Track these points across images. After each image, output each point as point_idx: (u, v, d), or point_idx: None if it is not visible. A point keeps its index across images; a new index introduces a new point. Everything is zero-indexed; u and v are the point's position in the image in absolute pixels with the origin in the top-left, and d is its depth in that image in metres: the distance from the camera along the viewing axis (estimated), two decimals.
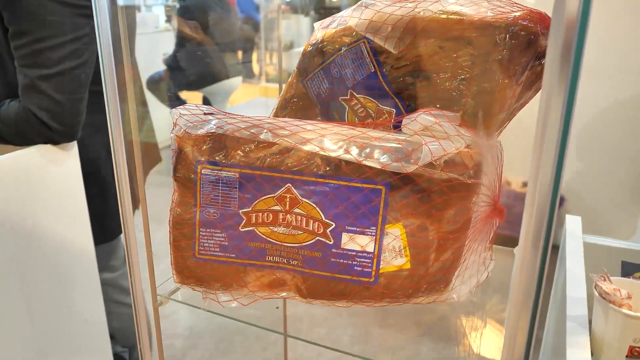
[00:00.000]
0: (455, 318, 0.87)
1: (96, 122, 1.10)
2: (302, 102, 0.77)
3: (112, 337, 1.36)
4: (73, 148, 1.04)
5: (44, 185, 1.01)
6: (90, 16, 1.01)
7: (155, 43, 3.75)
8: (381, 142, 0.57)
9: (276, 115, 0.80)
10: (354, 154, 0.56)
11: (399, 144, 0.56)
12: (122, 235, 1.28)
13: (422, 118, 0.57)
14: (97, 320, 1.22)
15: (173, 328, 2.08)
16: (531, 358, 0.44)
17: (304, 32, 5.38)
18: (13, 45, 0.89)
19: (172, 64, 3.28)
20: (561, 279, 0.76)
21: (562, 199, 2.35)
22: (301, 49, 0.75)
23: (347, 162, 0.57)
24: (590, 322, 0.55)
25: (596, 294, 0.54)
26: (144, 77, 3.27)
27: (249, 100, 5.30)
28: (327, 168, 0.58)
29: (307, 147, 0.58)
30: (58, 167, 1.02)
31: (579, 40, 0.35)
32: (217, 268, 0.64)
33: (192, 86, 3.40)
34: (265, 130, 0.59)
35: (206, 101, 3.90)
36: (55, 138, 0.98)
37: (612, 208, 2.24)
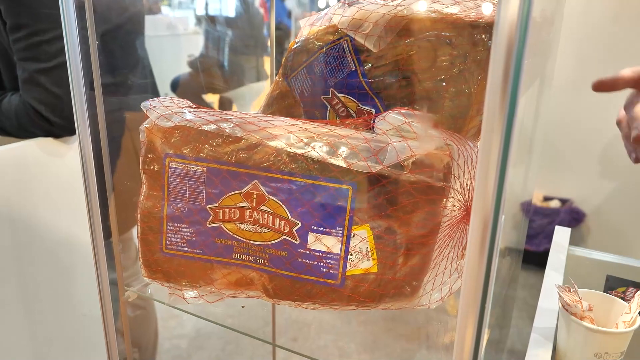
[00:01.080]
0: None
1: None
2: (287, 101, 0.76)
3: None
4: (74, 141, 1.06)
5: (44, 179, 1.02)
6: None
7: (183, 45, 3.82)
8: (348, 140, 0.55)
9: (263, 112, 0.79)
10: (320, 152, 0.55)
11: (366, 143, 0.54)
12: (134, 229, 1.30)
13: (391, 117, 0.55)
14: (96, 315, 1.23)
15: (180, 328, 2.09)
16: None
17: None
18: (11, 39, 0.91)
19: (198, 66, 3.33)
20: None
21: (582, 214, 2.26)
22: None
23: (314, 160, 0.56)
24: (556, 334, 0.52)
25: (560, 305, 0.51)
26: (170, 78, 3.33)
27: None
28: (294, 165, 0.57)
29: (274, 143, 0.56)
30: (58, 160, 1.03)
31: (518, 48, 0.33)
32: (184, 264, 0.63)
33: (216, 89, 3.44)
34: (233, 125, 0.58)
35: (227, 104, 3.95)
36: (56, 131, 1.00)
37: (634, 225, 2.15)
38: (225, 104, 3.96)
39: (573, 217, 2.29)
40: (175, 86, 3.39)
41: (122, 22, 1.17)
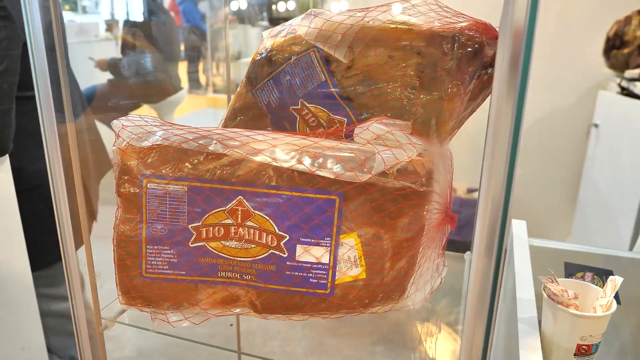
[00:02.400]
0: (409, 324, 0.88)
1: (39, 132, 1.04)
2: (251, 112, 0.75)
3: None
4: (4, 162, 0.98)
5: None
6: (5, 18, 0.95)
7: (95, 52, 3.62)
8: (334, 152, 0.56)
9: (225, 125, 0.78)
10: (306, 164, 0.55)
11: (352, 153, 0.56)
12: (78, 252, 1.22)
13: (374, 127, 0.57)
14: (36, 346, 1.15)
15: (120, 351, 1.99)
16: None
17: (251, 42, 5.36)
18: None
19: (114, 74, 3.17)
20: (510, 281, 0.78)
21: None
22: (249, 59, 0.73)
23: (300, 173, 0.56)
24: (539, 323, 0.56)
25: (545, 295, 0.56)
26: (83, 85, 3.15)
27: (196, 111, 5.21)
28: (280, 179, 0.57)
29: (259, 158, 0.56)
30: None
31: (526, 49, 0.35)
32: (166, 287, 0.61)
33: (136, 97, 3.30)
34: (215, 142, 0.57)
35: (150, 113, 3.80)
36: None
37: (549, 212, 2.33)
38: (146, 113, 3.79)
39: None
40: (91, 97, 3.21)
41: None
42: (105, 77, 3.19)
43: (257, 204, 0.57)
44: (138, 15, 3.22)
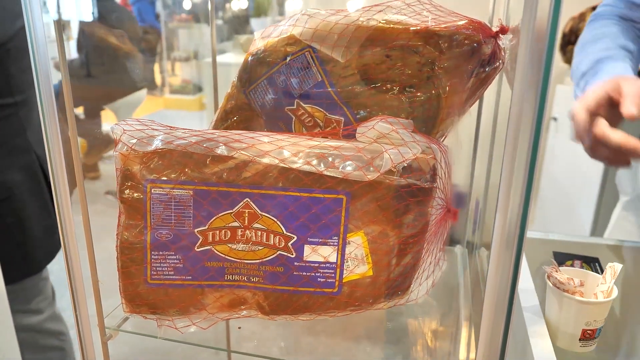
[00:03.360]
0: (384, 319, 0.89)
1: (7, 142, 0.99)
2: (244, 113, 0.75)
3: None
4: None
5: None
6: None
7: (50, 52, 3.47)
8: (341, 152, 0.57)
9: (215, 127, 0.77)
10: (315, 165, 0.56)
11: (359, 152, 0.56)
12: (48, 268, 1.16)
13: (379, 126, 0.58)
14: None
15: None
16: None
17: (207, 41, 5.26)
18: None
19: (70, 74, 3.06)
20: None
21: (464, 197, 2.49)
22: (207, 59, 0.73)
23: (307, 173, 0.56)
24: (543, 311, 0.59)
25: (550, 284, 0.58)
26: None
27: (152, 113, 5.09)
28: (287, 180, 0.57)
29: (266, 160, 0.56)
30: None
31: (549, 49, 0.37)
32: (172, 292, 0.60)
33: (94, 100, 3.20)
34: (221, 144, 0.56)
35: (108, 114, 3.69)
36: None
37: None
38: (96, 115, 3.68)
39: (459, 201, 2.51)
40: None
41: (12, 34, 1.05)
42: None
43: (265, 205, 0.57)
44: (88, 15, 3.10)
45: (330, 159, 0.56)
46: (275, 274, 0.59)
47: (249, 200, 0.57)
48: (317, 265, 0.59)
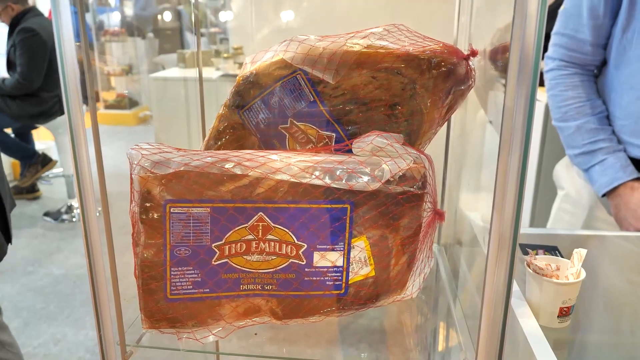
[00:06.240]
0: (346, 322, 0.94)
1: None
2: (237, 132, 0.79)
3: None
4: None
5: None
6: None
7: None
8: (344, 165, 0.63)
9: (208, 146, 0.81)
10: (323, 178, 0.62)
11: (361, 165, 0.63)
12: None
13: (377, 140, 0.64)
14: None
15: None
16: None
17: (141, 54, 5.17)
18: None
19: (9, 92, 2.92)
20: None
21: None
22: (142, 75, 0.77)
23: (315, 186, 0.62)
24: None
25: (530, 270, 0.67)
26: None
27: (86, 129, 4.90)
28: (296, 193, 0.62)
29: (278, 176, 0.61)
30: None
31: (535, 64, 0.45)
32: (191, 306, 0.63)
33: (27, 118, 3.07)
34: (234, 164, 0.61)
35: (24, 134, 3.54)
36: None
37: None
38: (22, 135, 3.51)
39: None
40: None
41: None
42: None
43: (277, 218, 0.62)
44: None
45: (337, 172, 0.62)
46: (288, 281, 0.64)
47: (262, 214, 0.62)
48: (325, 269, 0.65)
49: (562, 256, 0.82)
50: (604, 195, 1.18)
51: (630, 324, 0.77)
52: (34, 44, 2.87)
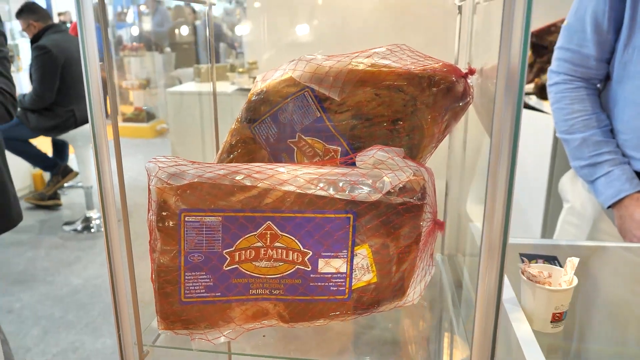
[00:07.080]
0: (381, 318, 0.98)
1: None
2: (248, 146, 0.84)
3: None
4: None
5: None
6: None
7: None
8: (347, 177, 0.67)
9: (221, 159, 0.86)
10: (327, 190, 0.66)
11: (364, 177, 0.67)
12: None
13: (379, 154, 0.68)
14: None
15: None
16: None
17: (159, 69, 5.30)
18: None
19: (28, 106, 3.03)
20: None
21: None
22: (159, 88, 0.82)
23: (320, 197, 0.66)
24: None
25: (524, 278, 0.70)
26: None
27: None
28: (302, 204, 0.66)
29: (285, 188, 0.65)
30: None
31: (520, 80, 0.49)
32: (203, 309, 0.67)
33: (42, 131, 3.17)
34: (244, 176, 0.66)
35: (61, 145, 3.64)
36: None
37: None
38: (59, 146, 3.63)
39: None
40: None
41: None
42: None
43: (284, 226, 0.66)
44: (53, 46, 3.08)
45: (341, 184, 0.66)
46: (294, 286, 0.68)
47: (270, 222, 0.66)
48: (330, 275, 0.68)
49: (560, 266, 0.84)
50: (609, 207, 1.20)
51: (626, 333, 0.79)
52: (45, 61, 2.97)
